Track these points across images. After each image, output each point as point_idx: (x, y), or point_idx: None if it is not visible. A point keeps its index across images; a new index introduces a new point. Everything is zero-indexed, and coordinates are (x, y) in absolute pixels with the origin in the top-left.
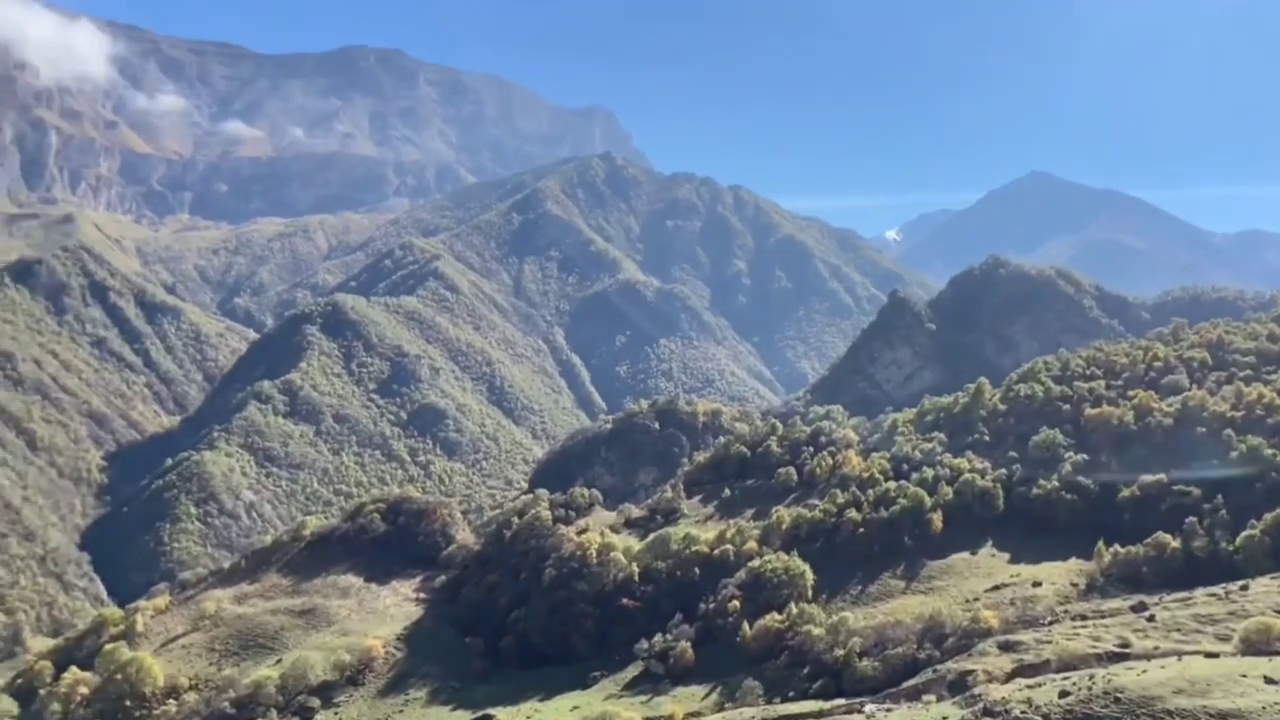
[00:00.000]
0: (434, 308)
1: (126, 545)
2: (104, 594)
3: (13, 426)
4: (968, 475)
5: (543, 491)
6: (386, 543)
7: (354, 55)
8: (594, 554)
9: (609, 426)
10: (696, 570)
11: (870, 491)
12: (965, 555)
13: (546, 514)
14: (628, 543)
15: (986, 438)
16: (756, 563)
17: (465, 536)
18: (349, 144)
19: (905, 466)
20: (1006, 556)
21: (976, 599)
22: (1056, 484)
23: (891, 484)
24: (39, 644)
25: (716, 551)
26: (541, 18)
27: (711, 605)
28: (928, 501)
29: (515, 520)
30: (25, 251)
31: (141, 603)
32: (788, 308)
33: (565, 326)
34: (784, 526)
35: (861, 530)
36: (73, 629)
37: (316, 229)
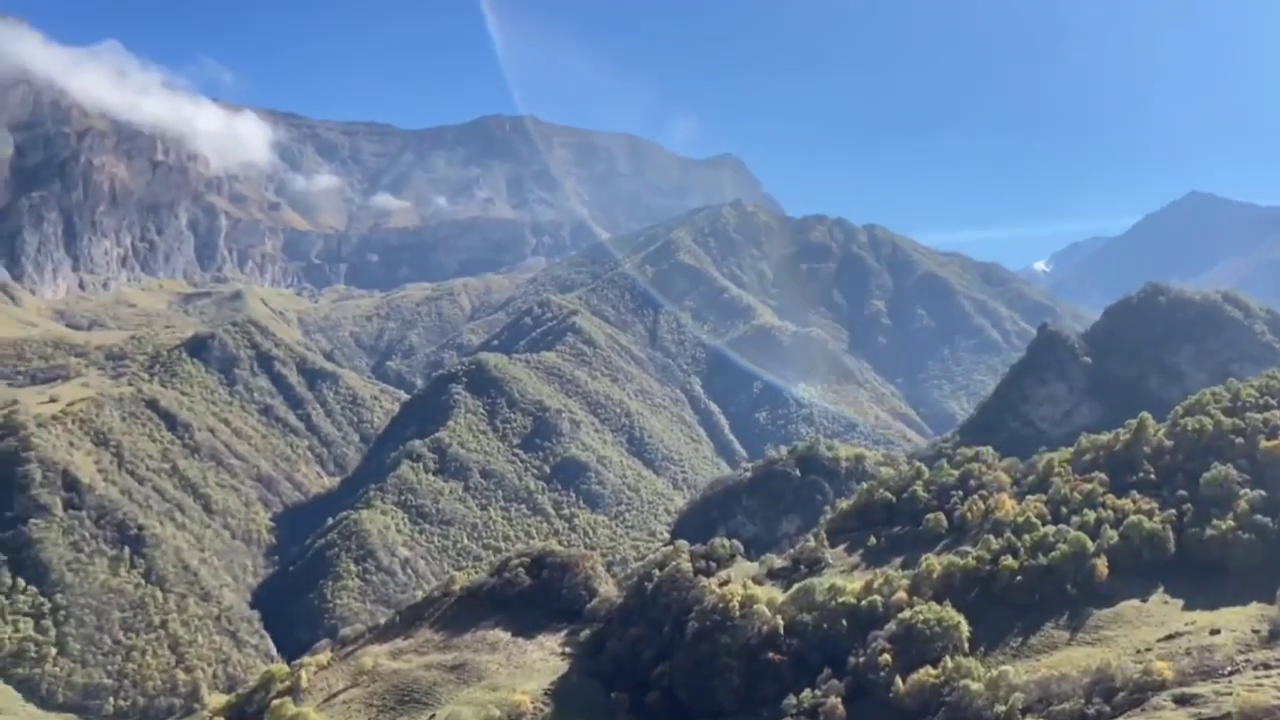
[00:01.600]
0: (573, 362)
1: (293, 603)
2: (274, 650)
3: (190, 492)
4: (1134, 517)
5: (682, 543)
6: (531, 596)
7: (490, 125)
8: (736, 606)
9: (748, 475)
10: (844, 622)
11: (1026, 537)
12: (1134, 603)
13: (687, 566)
14: (771, 594)
15: (1152, 476)
16: (907, 614)
17: (608, 589)
18: (488, 209)
19: (1064, 509)
20: (1180, 603)
21: (1148, 649)
22: (1232, 523)
23: (1050, 528)
24: (215, 700)
25: (864, 602)
26: (667, 74)
27: (861, 659)
28: (1090, 546)
29: (656, 572)
30: (200, 328)
31: (305, 659)
32: (931, 347)
33: (702, 375)
34: (935, 575)
35: (1019, 578)
36: (245, 685)
37: (460, 291)
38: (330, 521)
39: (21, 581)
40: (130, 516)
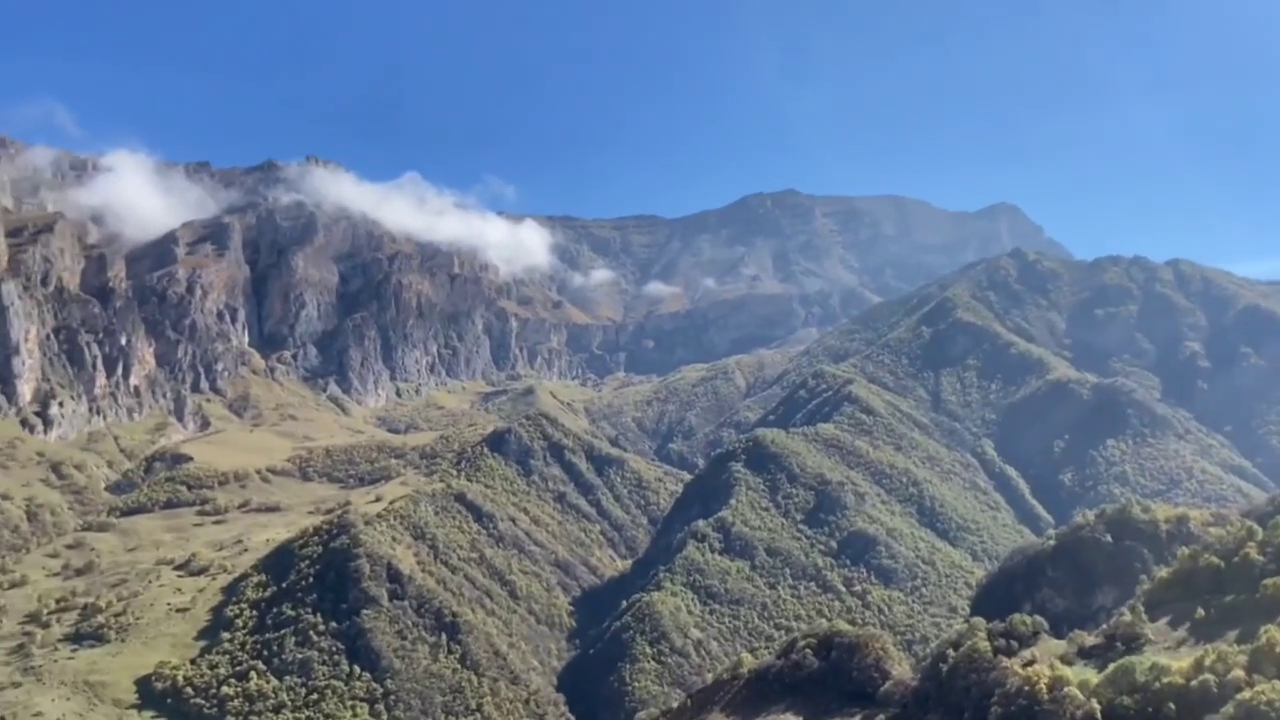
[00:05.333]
0: (852, 432)
1: (595, 685)
2: None
3: (497, 579)
4: None
5: (979, 620)
6: (821, 679)
7: (751, 204)
8: (1045, 689)
9: (1052, 543)
10: (1171, 705)
11: None
12: None
13: (985, 645)
14: (1083, 675)
15: None
16: (1247, 694)
17: (902, 671)
18: (756, 285)
19: None
20: None
21: None
22: None
23: None
24: None
25: (1194, 683)
26: (924, 130)
27: None
28: None
29: (950, 653)
30: (498, 423)
31: None
32: (1264, 388)
33: (994, 437)
34: (1278, 650)
35: None
36: None
37: (734, 370)
38: (624, 604)
39: (356, 668)
40: (446, 605)
